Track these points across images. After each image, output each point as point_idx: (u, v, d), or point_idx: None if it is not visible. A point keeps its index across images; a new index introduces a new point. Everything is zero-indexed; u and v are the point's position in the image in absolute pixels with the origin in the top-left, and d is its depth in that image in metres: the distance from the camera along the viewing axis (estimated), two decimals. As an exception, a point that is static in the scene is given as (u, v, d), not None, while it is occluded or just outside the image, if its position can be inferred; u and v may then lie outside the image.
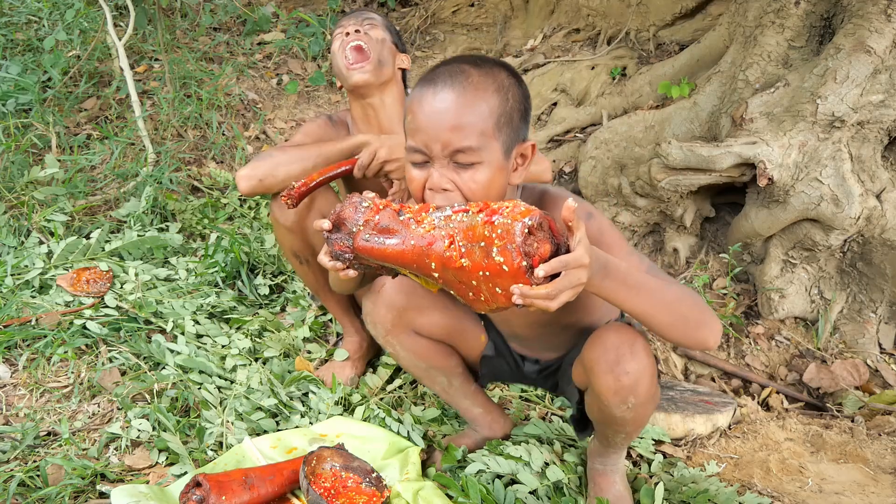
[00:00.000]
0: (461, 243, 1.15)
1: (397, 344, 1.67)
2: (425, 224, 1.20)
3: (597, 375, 1.37)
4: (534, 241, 1.10)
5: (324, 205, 2.00)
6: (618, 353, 1.34)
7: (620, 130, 2.88)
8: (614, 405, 1.39)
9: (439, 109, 1.24)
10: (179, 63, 3.56)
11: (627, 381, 1.35)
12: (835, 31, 2.50)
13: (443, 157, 1.26)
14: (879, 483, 1.85)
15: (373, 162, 1.87)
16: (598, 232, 1.32)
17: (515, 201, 1.15)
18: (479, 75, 1.25)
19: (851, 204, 2.31)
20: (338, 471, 1.65)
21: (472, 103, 1.23)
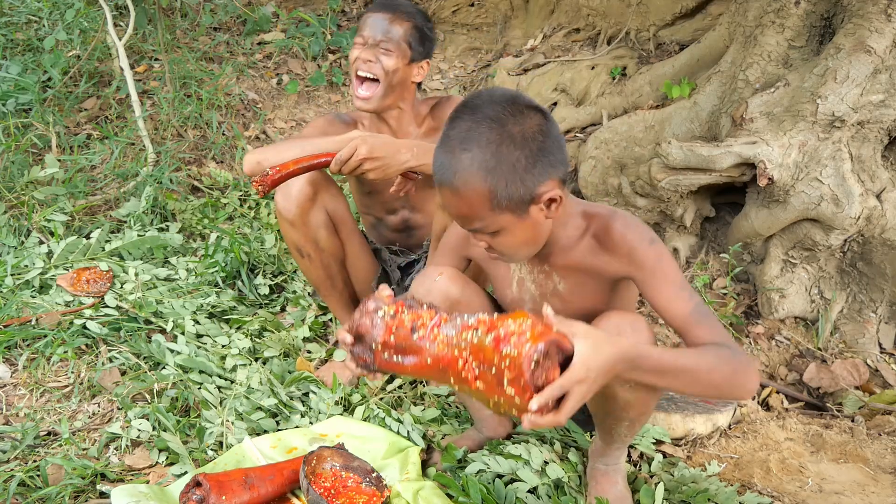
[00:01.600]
0: (474, 364, 1.21)
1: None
2: (438, 342, 1.25)
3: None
4: (542, 372, 1.15)
5: (328, 201, 2.00)
6: (619, 329, 1.35)
7: (620, 130, 2.88)
8: (617, 382, 1.38)
9: (446, 204, 1.35)
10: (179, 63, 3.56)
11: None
12: (835, 30, 2.50)
13: (467, 230, 1.38)
14: (879, 483, 1.85)
15: (352, 158, 1.79)
16: (656, 260, 1.36)
17: (521, 321, 1.18)
18: (463, 170, 1.28)
19: (851, 204, 2.31)
20: (338, 471, 1.65)
21: (464, 199, 1.29)
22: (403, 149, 1.81)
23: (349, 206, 2.12)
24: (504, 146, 1.27)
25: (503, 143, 1.27)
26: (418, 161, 1.82)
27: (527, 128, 1.29)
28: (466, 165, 1.27)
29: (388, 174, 1.81)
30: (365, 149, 1.78)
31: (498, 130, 1.27)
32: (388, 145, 1.80)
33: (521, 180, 1.28)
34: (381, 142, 1.80)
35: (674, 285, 1.35)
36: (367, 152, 1.78)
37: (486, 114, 1.28)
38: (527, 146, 1.28)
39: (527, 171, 1.28)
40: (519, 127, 1.28)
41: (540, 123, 1.30)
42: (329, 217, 2.01)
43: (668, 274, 1.36)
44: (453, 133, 1.30)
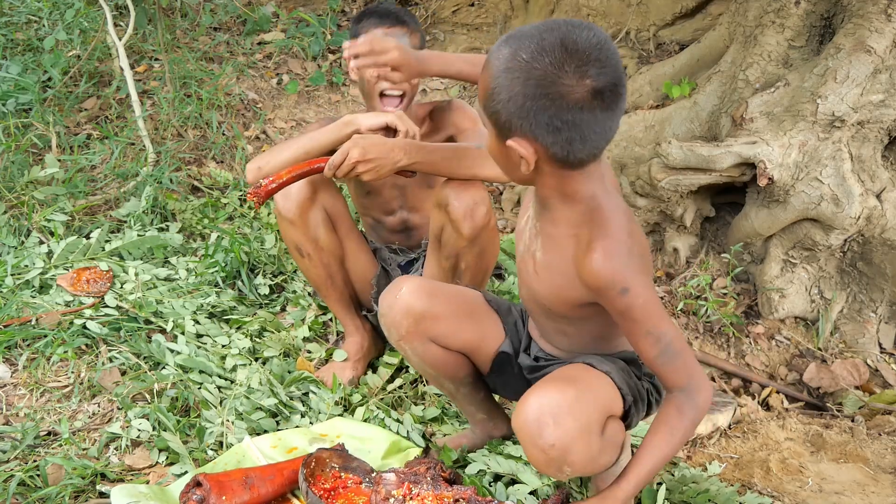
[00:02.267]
0: None
1: (410, 350, 1.60)
2: None
3: (524, 447, 1.31)
4: None
5: (326, 200, 2.00)
6: (539, 424, 1.25)
7: (620, 130, 2.88)
8: (553, 474, 1.33)
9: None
10: (179, 63, 3.56)
11: (554, 453, 1.26)
12: (835, 30, 2.50)
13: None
14: (879, 483, 1.85)
15: (344, 162, 1.78)
16: (624, 308, 1.27)
17: None
18: (492, 54, 1.23)
19: (851, 204, 2.31)
20: (337, 471, 1.65)
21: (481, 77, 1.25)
22: (396, 148, 1.81)
23: (347, 206, 2.12)
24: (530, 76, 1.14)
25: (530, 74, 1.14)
26: (411, 160, 1.81)
27: (577, 92, 1.14)
28: (496, 55, 1.18)
29: (381, 175, 1.80)
30: (357, 151, 1.77)
31: (548, 70, 1.13)
32: (380, 146, 1.79)
33: (513, 107, 1.18)
34: (372, 143, 1.79)
35: (641, 329, 1.28)
36: (359, 155, 1.77)
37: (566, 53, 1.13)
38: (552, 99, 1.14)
39: (524, 109, 1.17)
40: (570, 88, 1.14)
41: (593, 100, 1.14)
42: (328, 216, 2.02)
43: (637, 320, 1.28)
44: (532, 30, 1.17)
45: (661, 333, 1.28)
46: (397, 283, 1.58)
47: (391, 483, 1.51)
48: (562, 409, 1.26)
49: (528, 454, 1.31)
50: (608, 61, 1.15)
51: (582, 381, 1.36)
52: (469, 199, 1.81)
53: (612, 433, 1.37)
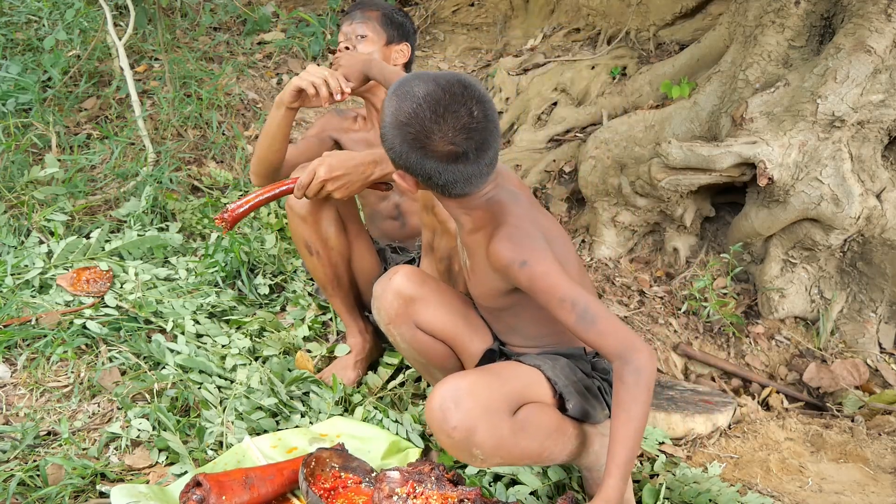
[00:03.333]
0: None
1: (398, 335, 1.66)
2: None
3: (436, 436, 1.39)
4: None
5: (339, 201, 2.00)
6: (442, 409, 1.34)
7: (620, 130, 2.88)
8: (467, 459, 1.40)
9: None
10: (179, 63, 3.56)
11: (458, 435, 1.34)
12: (835, 30, 2.50)
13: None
14: (879, 483, 1.85)
15: (312, 181, 1.77)
16: (528, 280, 1.39)
17: None
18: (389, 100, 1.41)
19: (851, 203, 2.31)
20: (337, 471, 1.65)
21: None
22: (365, 162, 1.80)
23: (358, 206, 2.12)
24: (409, 138, 1.34)
25: (409, 137, 1.34)
26: (384, 171, 1.82)
27: (443, 153, 1.34)
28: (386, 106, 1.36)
29: (353, 190, 1.81)
30: (323, 170, 1.76)
31: (419, 133, 1.33)
32: (347, 161, 1.79)
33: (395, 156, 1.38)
34: (339, 160, 1.79)
35: (554, 300, 1.37)
36: (325, 173, 1.76)
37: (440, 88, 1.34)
38: (424, 155, 1.35)
39: (403, 158, 1.37)
40: (437, 151, 1.34)
41: (456, 161, 1.35)
42: (339, 215, 2.01)
43: (545, 289, 1.38)
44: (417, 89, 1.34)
45: (572, 300, 1.37)
46: (392, 270, 1.66)
47: (395, 481, 1.51)
48: (461, 392, 1.35)
49: (439, 441, 1.39)
50: (475, 130, 1.34)
51: (491, 371, 1.47)
52: None
53: (529, 415, 1.43)
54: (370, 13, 2.17)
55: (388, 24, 2.17)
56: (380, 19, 2.17)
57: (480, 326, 1.69)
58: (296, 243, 2.05)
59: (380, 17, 2.18)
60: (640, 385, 1.34)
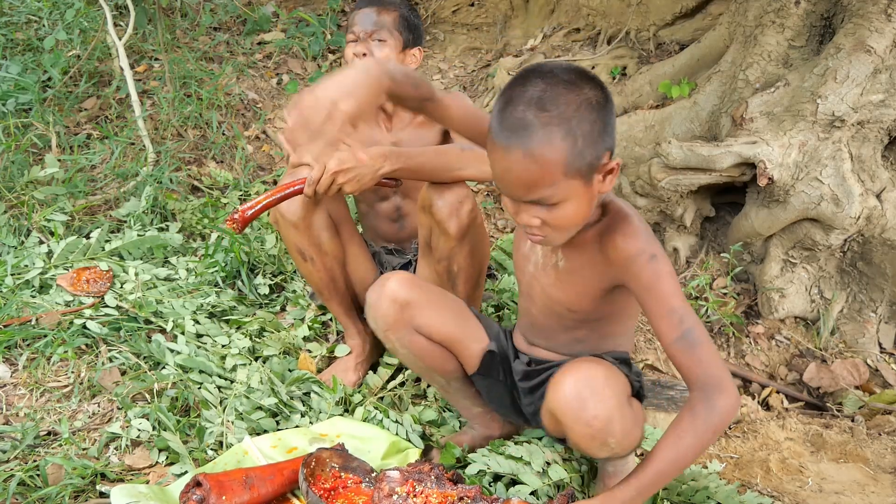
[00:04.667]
0: None
1: (396, 340, 1.65)
2: None
3: (567, 426, 1.37)
4: None
5: (330, 204, 1.99)
6: (580, 399, 1.33)
7: (620, 130, 2.88)
8: (595, 448, 1.38)
9: (509, 168, 1.26)
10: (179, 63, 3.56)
11: (598, 424, 1.33)
12: (835, 30, 2.50)
13: (523, 202, 1.30)
14: (879, 483, 1.85)
15: (323, 176, 1.74)
16: (653, 277, 1.33)
17: None
18: (542, 128, 1.23)
19: (851, 203, 2.31)
20: (337, 471, 1.64)
21: (538, 162, 1.23)
22: (376, 156, 1.78)
23: (349, 209, 2.11)
24: (583, 109, 1.25)
25: (582, 106, 1.24)
26: (393, 166, 1.79)
27: (598, 94, 1.27)
28: (546, 123, 1.23)
29: (364, 184, 1.78)
30: (333, 163, 1.74)
31: (577, 93, 1.25)
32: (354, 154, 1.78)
33: (594, 144, 1.27)
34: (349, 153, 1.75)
35: (665, 307, 1.31)
36: (336, 166, 1.74)
37: (561, 77, 1.26)
38: (601, 111, 1.27)
39: (600, 136, 1.27)
40: (593, 92, 1.27)
41: (605, 92, 1.29)
42: (331, 220, 2.01)
43: (662, 295, 1.32)
44: (527, 93, 1.25)
45: (682, 315, 1.31)
46: (384, 277, 1.64)
47: (395, 480, 1.51)
48: (598, 383, 1.33)
49: (572, 432, 1.36)
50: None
51: (602, 362, 1.43)
52: (453, 198, 1.79)
53: (637, 409, 1.45)
54: (388, 13, 2.02)
55: (406, 27, 2.04)
56: (398, 21, 2.02)
57: (476, 327, 1.70)
58: (289, 250, 2.04)
59: (398, 18, 2.03)
60: (707, 422, 1.27)
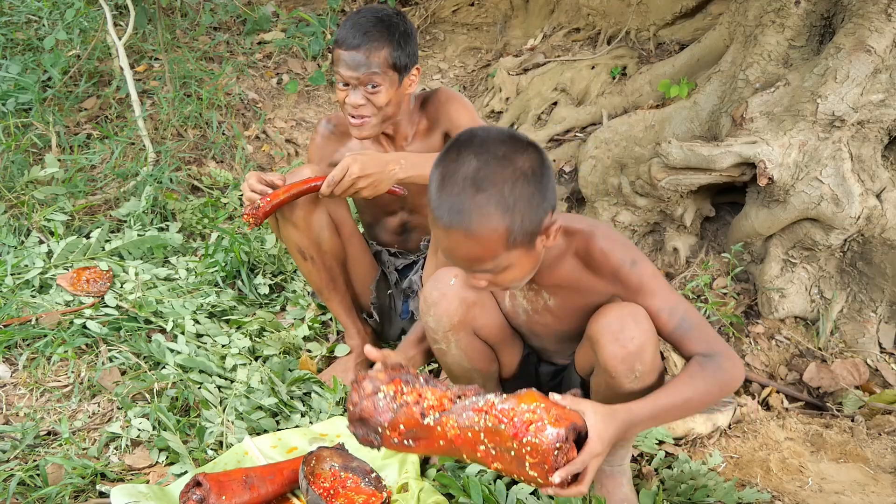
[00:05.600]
0: (490, 446, 1.26)
1: (455, 342, 1.58)
2: (450, 426, 1.28)
3: (602, 346, 1.40)
4: (563, 455, 1.22)
5: (330, 204, 1.99)
6: (622, 322, 1.38)
7: (620, 130, 2.88)
8: (622, 374, 1.40)
9: (452, 248, 1.30)
10: (179, 62, 3.56)
11: (633, 346, 1.37)
12: (835, 30, 2.50)
13: (472, 272, 1.34)
14: (879, 482, 1.85)
15: (344, 178, 1.77)
16: (639, 281, 1.42)
17: (535, 406, 1.24)
18: (479, 210, 1.23)
19: (851, 203, 2.31)
20: (337, 471, 1.65)
21: (479, 241, 1.26)
22: (392, 163, 1.80)
23: (350, 208, 2.11)
24: (520, 184, 1.25)
25: (518, 181, 1.25)
26: (406, 173, 1.82)
27: (533, 161, 1.28)
28: (483, 204, 1.23)
29: (380, 190, 1.80)
30: (357, 168, 1.76)
31: (511, 168, 1.26)
32: (378, 161, 1.79)
33: (533, 213, 1.28)
34: (371, 159, 1.79)
35: (657, 305, 1.41)
36: (359, 171, 1.76)
37: (495, 152, 1.26)
38: (538, 180, 1.28)
39: (539, 204, 1.29)
40: (528, 163, 1.27)
41: (541, 156, 1.30)
42: (331, 219, 2.01)
43: (651, 292, 1.41)
44: (461, 172, 1.25)
45: (673, 306, 1.42)
46: (443, 274, 1.57)
47: (378, 379, 1.34)
48: (639, 314, 1.39)
49: (606, 351, 1.39)
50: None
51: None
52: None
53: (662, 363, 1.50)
54: (377, 53, 1.82)
55: (400, 58, 1.85)
56: (390, 59, 1.83)
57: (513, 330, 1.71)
58: (289, 249, 2.04)
59: (389, 56, 1.83)
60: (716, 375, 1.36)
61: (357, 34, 1.82)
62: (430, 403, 1.30)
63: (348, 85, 1.86)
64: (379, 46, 1.82)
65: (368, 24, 1.84)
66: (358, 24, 1.84)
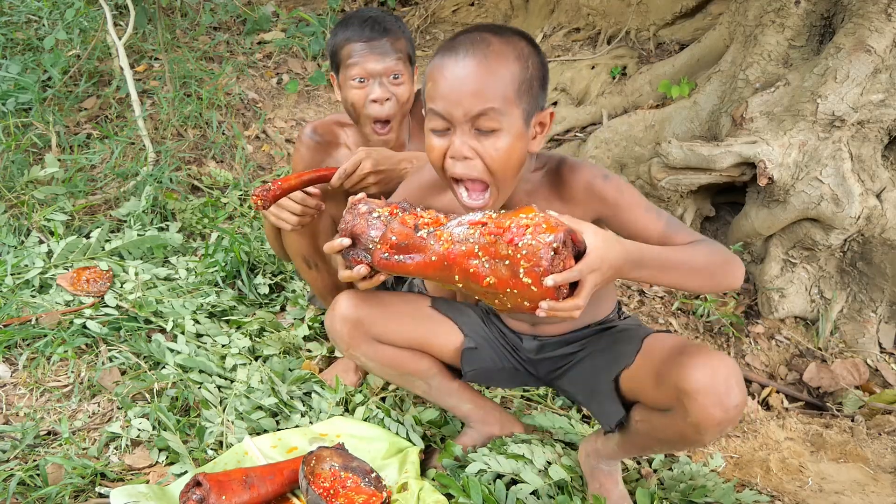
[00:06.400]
0: (484, 259, 1.19)
1: (361, 356, 1.63)
2: (444, 239, 1.22)
3: (701, 406, 1.30)
4: (559, 261, 1.15)
5: (333, 209, 1.98)
6: (727, 386, 1.30)
7: (621, 130, 2.88)
8: (710, 435, 1.34)
9: (461, 76, 1.26)
10: (179, 62, 3.56)
11: (735, 413, 1.31)
12: (835, 30, 2.50)
13: (464, 122, 1.28)
14: (879, 482, 1.85)
15: (356, 172, 1.74)
16: (616, 192, 1.38)
17: (532, 215, 1.17)
18: (499, 43, 1.27)
19: (851, 203, 2.31)
20: (337, 471, 1.64)
21: (494, 69, 1.25)
22: (404, 161, 1.79)
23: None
24: (533, 52, 1.30)
25: (533, 50, 1.30)
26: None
27: (541, 52, 1.33)
28: (503, 43, 1.27)
29: (389, 187, 1.78)
30: (370, 163, 1.74)
31: (526, 40, 1.31)
32: (389, 158, 1.78)
33: (540, 83, 1.31)
34: (383, 155, 1.77)
35: (640, 209, 1.39)
36: (371, 166, 1.74)
37: (509, 29, 1.32)
38: (543, 59, 1.32)
39: (544, 81, 1.31)
40: (538, 48, 1.32)
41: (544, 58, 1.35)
42: (334, 224, 1.99)
43: (632, 202, 1.39)
44: (479, 30, 1.29)
45: (656, 210, 1.40)
46: (335, 301, 1.61)
47: (374, 203, 1.29)
48: (740, 375, 1.32)
49: (705, 412, 1.30)
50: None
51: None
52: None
53: None
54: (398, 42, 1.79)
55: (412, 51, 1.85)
56: (406, 48, 1.81)
57: (442, 322, 1.67)
58: (293, 259, 2.02)
59: (406, 44, 1.81)
60: (717, 254, 1.36)
61: (374, 25, 1.78)
62: (424, 221, 1.27)
63: (364, 81, 1.79)
64: (398, 36, 1.80)
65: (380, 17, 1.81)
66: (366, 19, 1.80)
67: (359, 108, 1.84)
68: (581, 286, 1.18)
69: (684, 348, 1.38)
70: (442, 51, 1.31)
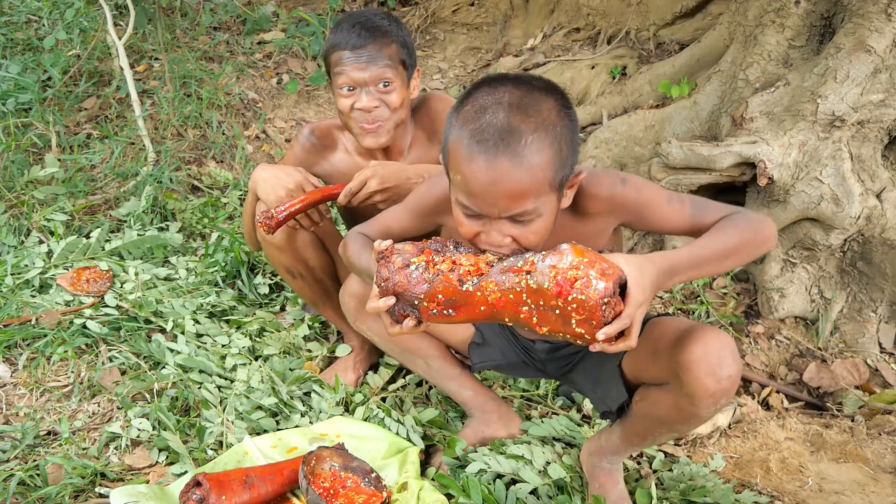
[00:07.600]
0: (534, 306, 1.19)
1: (367, 329, 1.75)
2: (490, 292, 1.22)
3: (695, 376, 1.33)
4: (610, 309, 1.15)
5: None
6: (720, 356, 1.31)
7: (621, 130, 2.88)
8: (705, 405, 1.36)
9: (494, 179, 1.19)
10: (179, 62, 3.56)
11: (727, 383, 1.32)
12: (835, 30, 2.50)
13: (499, 217, 1.24)
14: (879, 482, 1.85)
15: (362, 190, 1.73)
16: (636, 194, 1.37)
17: (577, 261, 1.15)
18: (532, 134, 1.18)
19: (852, 203, 2.31)
20: (337, 471, 1.65)
21: (528, 166, 1.18)
22: (411, 174, 1.76)
23: (334, 222, 2.10)
24: (563, 115, 1.21)
25: (561, 112, 1.21)
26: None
27: (567, 101, 1.25)
28: (534, 129, 1.17)
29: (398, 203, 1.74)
30: (376, 182, 1.73)
31: (554, 98, 1.22)
32: (398, 173, 1.76)
33: (573, 152, 1.25)
34: (390, 171, 1.75)
35: (662, 205, 1.37)
36: (377, 184, 1.73)
37: (534, 83, 1.23)
38: (574, 119, 1.24)
39: (576, 144, 1.25)
40: (564, 100, 1.24)
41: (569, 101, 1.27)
42: (315, 236, 1.95)
43: (652, 199, 1.37)
44: (504, 98, 1.19)
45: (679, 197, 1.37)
46: (349, 277, 1.71)
47: (407, 252, 1.26)
48: (734, 349, 1.34)
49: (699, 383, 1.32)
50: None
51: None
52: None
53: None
54: (387, 46, 1.75)
55: (407, 55, 1.80)
56: (398, 53, 1.77)
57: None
58: (277, 270, 2.02)
59: (398, 49, 1.76)
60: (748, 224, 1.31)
61: (360, 31, 1.74)
62: (465, 269, 1.23)
63: (353, 89, 1.77)
64: (387, 41, 1.76)
65: (369, 22, 1.77)
66: (357, 24, 1.77)
67: (346, 117, 1.83)
68: (631, 326, 1.18)
69: (681, 324, 1.41)
70: (470, 140, 1.19)
